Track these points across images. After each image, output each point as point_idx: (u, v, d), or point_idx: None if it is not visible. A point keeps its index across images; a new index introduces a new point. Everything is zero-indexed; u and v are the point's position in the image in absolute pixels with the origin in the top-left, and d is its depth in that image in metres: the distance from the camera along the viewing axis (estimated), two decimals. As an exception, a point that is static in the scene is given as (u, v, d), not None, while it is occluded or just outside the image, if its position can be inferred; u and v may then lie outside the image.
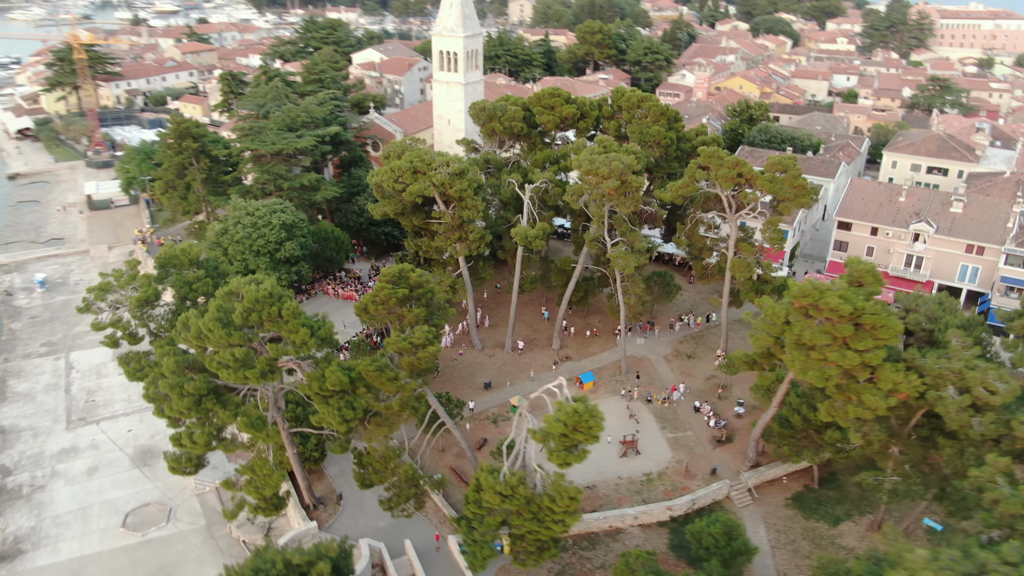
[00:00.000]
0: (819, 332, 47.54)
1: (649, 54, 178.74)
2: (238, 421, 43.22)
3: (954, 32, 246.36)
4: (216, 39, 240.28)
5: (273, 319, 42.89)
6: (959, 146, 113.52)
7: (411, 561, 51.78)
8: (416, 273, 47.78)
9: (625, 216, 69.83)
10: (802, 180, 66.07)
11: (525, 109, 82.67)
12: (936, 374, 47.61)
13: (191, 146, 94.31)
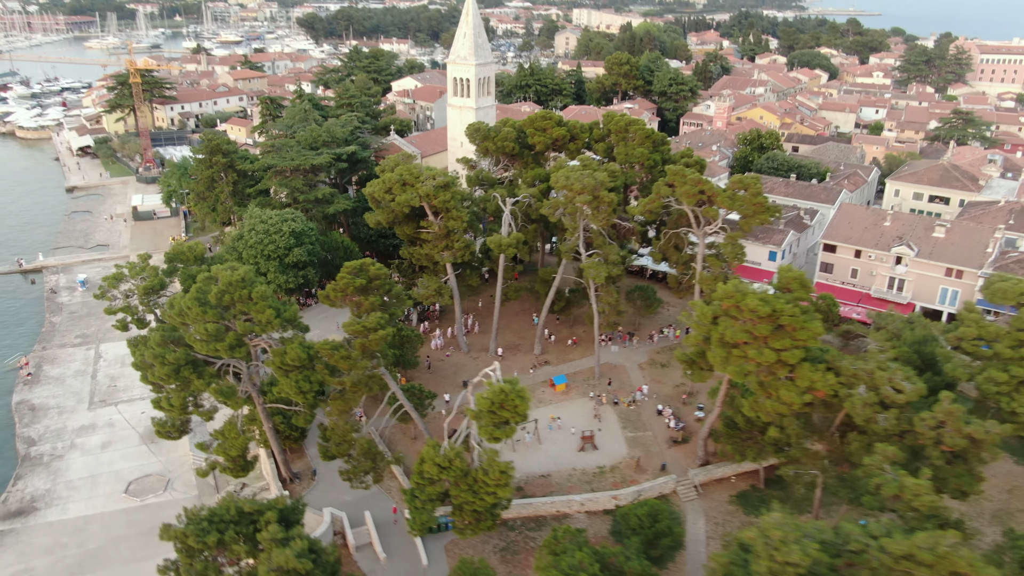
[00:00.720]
0: (740, 331, 51.68)
1: (674, 85, 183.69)
2: (210, 388, 49.57)
3: (995, 67, 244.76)
4: (269, 67, 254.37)
5: (243, 300, 49.26)
6: (962, 176, 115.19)
7: (369, 530, 57.03)
8: (376, 267, 53.84)
9: (602, 230, 74.93)
10: (761, 198, 70.19)
11: (519, 131, 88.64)
12: (851, 373, 51.23)
13: (220, 161, 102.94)
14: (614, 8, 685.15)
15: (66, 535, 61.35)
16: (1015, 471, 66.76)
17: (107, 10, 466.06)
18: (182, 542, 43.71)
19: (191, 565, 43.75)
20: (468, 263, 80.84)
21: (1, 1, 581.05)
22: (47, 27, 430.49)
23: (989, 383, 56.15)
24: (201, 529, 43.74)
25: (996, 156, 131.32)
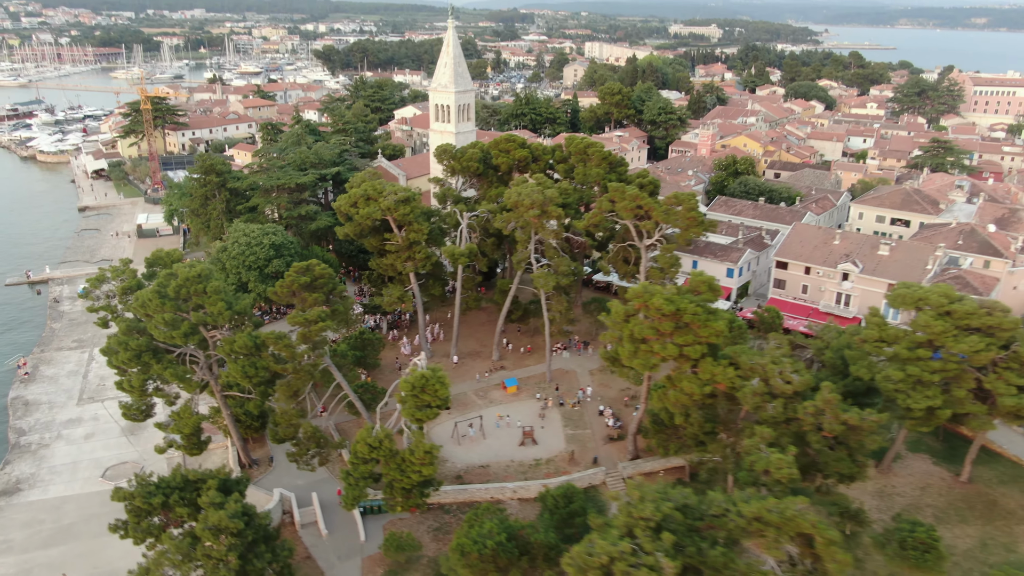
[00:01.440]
0: (647, 328, 56.85)
1: (663, 114, 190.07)
2: (166, 372, 55.49)
3: (988, 99, 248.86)
4: (281, 96, 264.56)
5: (199, 294, 55.34)
6: (922, 200, 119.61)
7: (315, 509, 62.25)
8: (320, 268, 59.82)
9: (554, 243, 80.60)
10: (695, 213, 75.54)
11: (484, 152, 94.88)
12: (748, 367, 56.07)
13: (213, 180, 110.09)
14: (628, 42, 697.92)
15: (44, 512, 67.17)
16: (931, 470, 70.69)
17: (134, 42, 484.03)
18: (131, 503, 49.35)
19: (138, 524, 49.29)
20: (431, 273, 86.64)
21: (35, 34, 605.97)
22: (76, 58, 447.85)
23: (887, 381, 60.59)
24: (148, 492, 49.42)
25: (964, 182, 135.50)
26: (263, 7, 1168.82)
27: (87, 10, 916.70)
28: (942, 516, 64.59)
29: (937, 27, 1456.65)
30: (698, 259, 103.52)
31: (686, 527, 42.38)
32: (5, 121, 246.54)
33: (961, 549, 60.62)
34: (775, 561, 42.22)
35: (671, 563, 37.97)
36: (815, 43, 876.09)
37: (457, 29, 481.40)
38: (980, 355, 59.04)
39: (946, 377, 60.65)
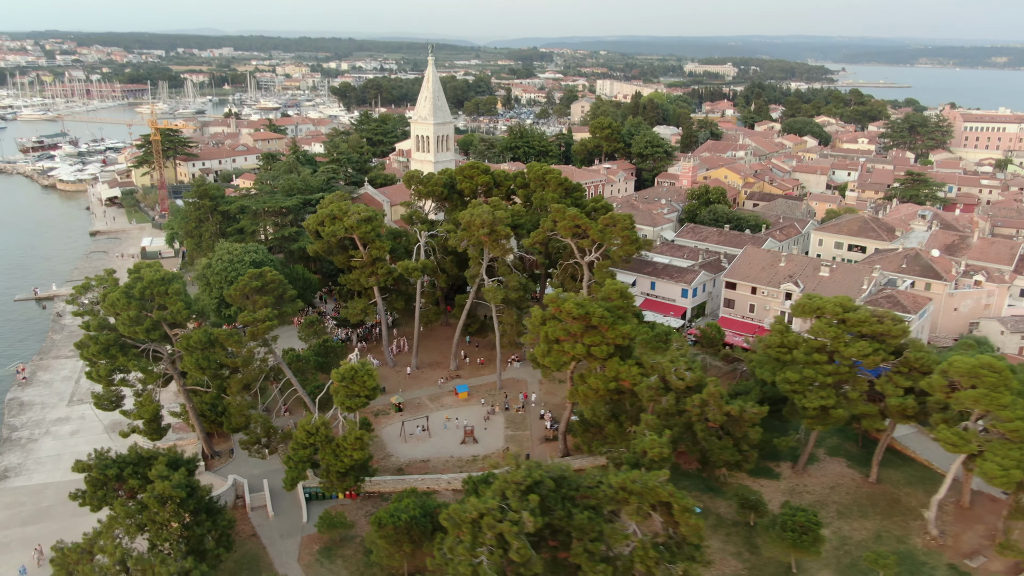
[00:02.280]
0: (559, 329, 63.16)
1: (650, 147, 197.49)
2: (129, 363, 62.63)
3: (978, 135, 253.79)
4: (292, 130, 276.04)
5: (161, 295, 62.66)
6: (878, 227, 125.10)
7: (265, 495, 68.56)
8: (272, 274, 66.98)
9: (506, 260, 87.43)
10: (627, 232, 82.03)
11: (450, 177, 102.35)
12: (649, 366, 62.07)
13: (207, 204, 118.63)
14: (643, 80, 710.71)
15: (25, 496, 74.05)
16: (844, 472, 75.53)
17: (161, 79, 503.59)
18: (89, 474, 56.16)
19: (95, 493, 56.01)
20: (394, 288, 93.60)
21: (68, 71, 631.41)
22: (104, 94, 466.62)
23: (784, 382, 66.18)
24: (105, 465, 56.22)
25: (926, 212, 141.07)
26: (289, 46, 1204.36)
27: (120, 48, 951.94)
28: (844, 511, 69.42)
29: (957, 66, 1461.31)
30: (656, 280, 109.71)
31: (561, 495, 48.28)
32: (30, 152, 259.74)
33: (855, 540, 65.37)
34: (637, 525, 47.93)
35: (532, 519, 43.85)
36: (829, 81, 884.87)
37: (476, 67, 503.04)
38: (869, 359, 64.60)
39: (840, 379, 66.19)
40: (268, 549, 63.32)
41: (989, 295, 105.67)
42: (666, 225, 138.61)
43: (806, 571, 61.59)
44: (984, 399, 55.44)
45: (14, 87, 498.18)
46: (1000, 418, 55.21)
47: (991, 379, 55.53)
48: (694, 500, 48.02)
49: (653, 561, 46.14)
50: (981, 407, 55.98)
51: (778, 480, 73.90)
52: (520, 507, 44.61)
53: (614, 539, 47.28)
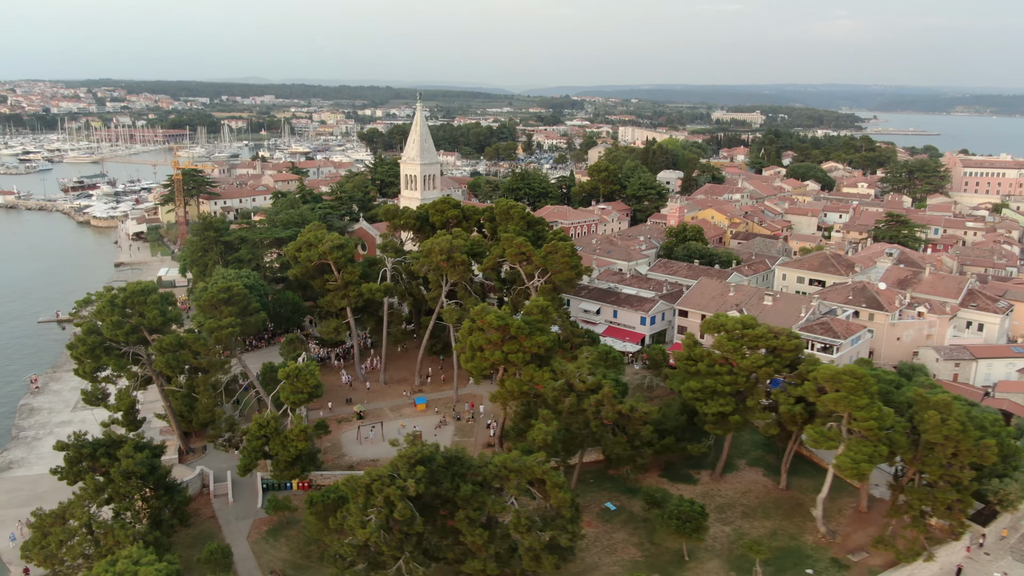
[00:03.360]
0: (483, 338, 71.70)
1: (644, 189, 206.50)
2: (111, 362, 72.50)
3: (978, 180, 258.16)
4: (314, 172, 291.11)
5: (140, 303, 72.85)
6: (837, 263, 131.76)
7: (227, 484, 77.37)
8: (238, 287, 76.84)
9: (465, 284, 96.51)
10: (567, 259, 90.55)
11: (424, 212, 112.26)
12: (560, 372, 70.12)
13: (211, 235, 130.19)
14: (668, 127, 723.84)
15: (24, 484, 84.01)
16: (759, 480, 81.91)
17: (201, 125, 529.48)
18: (67, 452, 65.64)
19: (71, 469, 65.42)
20: (365, 309, 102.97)
21: (116, 117, 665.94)
22: (146, 139, 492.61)
23: (688, 391, 73.58)
24: (81, 445, 65.73)
25: (893, 250, 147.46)
26: (328, 94, 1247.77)
27: (167, 96, 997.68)
28: (749, 512, 75.85)
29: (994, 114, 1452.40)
30: (618, 308, 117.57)
31: (452, 472, 56.34)
32: (70, 191, 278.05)
33: (752, 536, 71.61)
34: (514, 498, 55.68)
35: (415, 485, 51.96)
36: (858, 129, 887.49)
37: (507, 114, 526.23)
38: (763, 370, 71.90)
39: (739, 389, 73.37)
40: (223, 528, 71.85)
41: (931, 325, 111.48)
42: (641, 260, 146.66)
43: (697, 559, 68.13)
44: (844, 401, 62.39)
45: (64, 132, 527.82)
46: (857, 418, 62.02)
47: (851, 384, 62.50)
48: (611, 498, 55.68)
49: (525, 528, 53.78)
50: (842, 408, 62.88)
51: (695, 485, 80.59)
52: (408, 476, 52.78)
53: (494, 509, 55.03)
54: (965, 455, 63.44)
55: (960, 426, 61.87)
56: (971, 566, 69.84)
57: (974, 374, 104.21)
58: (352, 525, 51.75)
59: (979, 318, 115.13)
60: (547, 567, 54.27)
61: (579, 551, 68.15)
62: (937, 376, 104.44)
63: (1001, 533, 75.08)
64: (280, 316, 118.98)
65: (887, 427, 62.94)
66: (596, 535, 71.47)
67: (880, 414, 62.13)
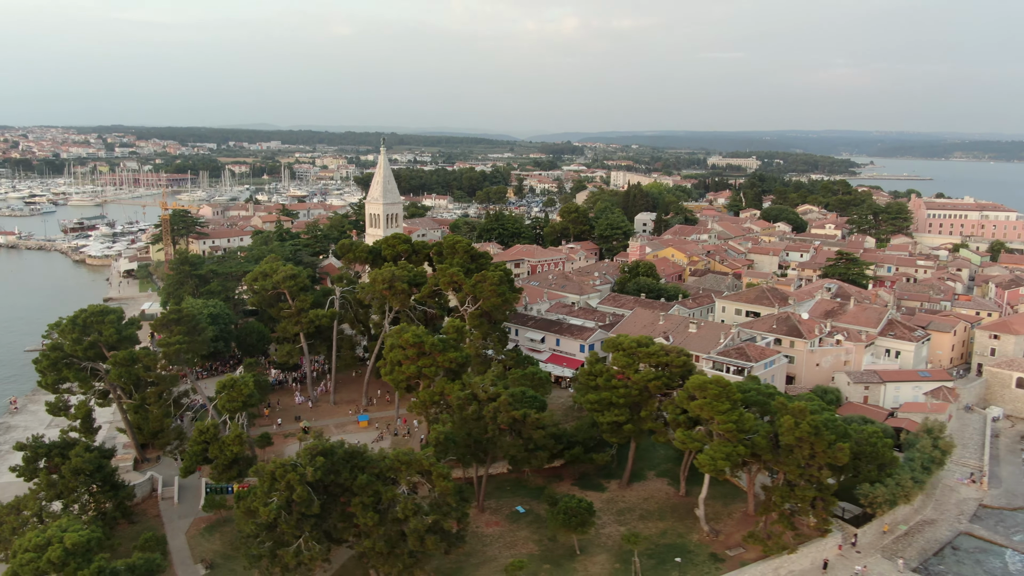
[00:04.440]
0: (400, 354, 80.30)
1: (610, 229, 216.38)
2: (72, 375, 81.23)
3: (942, 222, 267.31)
4: (304, 214, 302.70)
5: (99, 323, 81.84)
6: (772, 296, 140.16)
7: (173, 488, 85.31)
8: (188, 308, 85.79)
9: (407, 311, 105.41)
10: (495, 287, 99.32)
11: (377, 247, 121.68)
12: (468, 384, 78.45)
13: (186, 269, 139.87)
14: (663, 172, 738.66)
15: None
16: (662, 488, 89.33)
17: (203, 169, 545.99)
18: (25, 452, 74.00)
19: (27, 467, 73.71)
20: (317, 335, 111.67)
21: (123, 162, 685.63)
22: (150, 182, 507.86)
23: (587, 403, 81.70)
24: (37, 446, 74.15)
25: (832, 284, 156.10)
26: (334, 139, 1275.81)
27: (175, 141, 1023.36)
28: (646, 515, 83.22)
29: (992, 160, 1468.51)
30: (560, 337, 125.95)
31: (351, 464, 64.44)
32: (70, 232, 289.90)
33: (644, 535, 78.86)
34: (406, 487, 63.70)
35: (313, 471, 60.09)
36: (852, 174, 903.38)
37: (508, 159, 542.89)
38: (652, 383, 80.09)
39: (632, 400, 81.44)
40: (166, 525, 79.64)
41: (848, 352, 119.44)
42: (594, 294, 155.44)
43: (588, 553, 75.46)
44: (707, 407, 70.49)
45: (71, 176, 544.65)
46: (719, 421, 70.04)
47: (715, 391, 70.70)
48: (522, 503, 63.70)
49: (412, 512, 61.69)
50: (706, 413, 70.92)
51: (603, 492, 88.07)
52: (308, 464, 60.96)
53: (387, 496, 62.98)
54: (821, 456, 71.09)
55: (812, 429, 69.72)
56: (840, 562, 77.03)
57: (883, 397, 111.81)
58: (257, 506, 59.77)
59: (896, 346, 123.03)
60: (430, 546, 61.94)
61: (482, 546, 76.34)
62: (849, 398, 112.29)
63: (883, 528, 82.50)
64: (246, 344, 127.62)
65: (746, 430, 70.88)
66: (501, 533, 79.05)
67: (739, 418, 70.16)
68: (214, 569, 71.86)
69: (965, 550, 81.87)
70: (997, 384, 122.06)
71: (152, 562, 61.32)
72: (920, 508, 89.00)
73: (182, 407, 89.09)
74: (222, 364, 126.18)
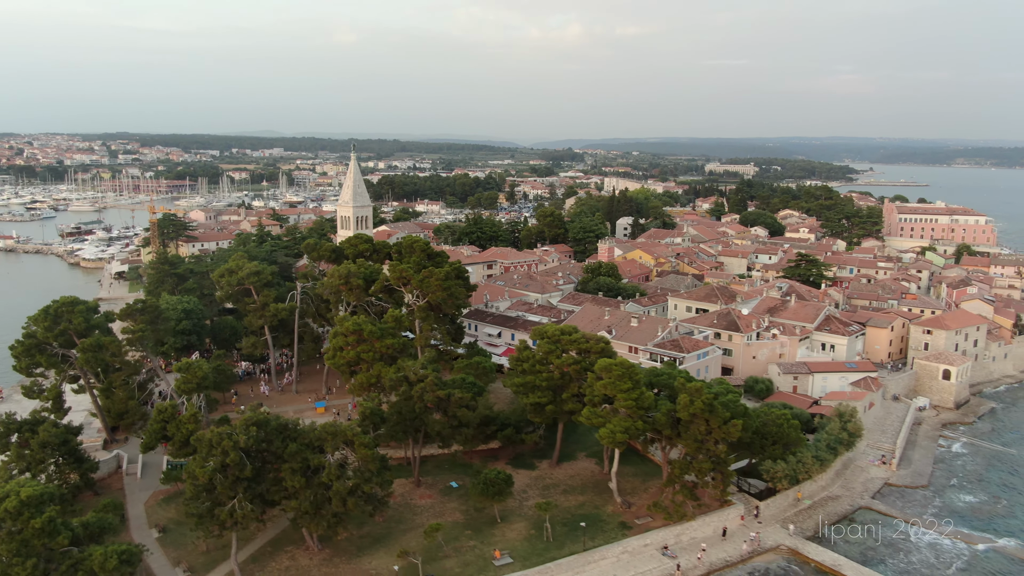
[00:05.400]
0: (342, 340, 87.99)
1: (583, 232, 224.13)
2: (44, 360, 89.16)
3: (913, 225, 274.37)
4: (294, 219, 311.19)
5: (69, 312, 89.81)
6: (721, 294, 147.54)
7: (137, 465, 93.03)
8: (152, 304, 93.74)
9: (363, 305, 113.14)
10: (440, 282, 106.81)
11: (340, 246, 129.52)
12: (402, 367, 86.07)
13: (165, 268, 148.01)
14: (660, 178, 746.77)
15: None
16: (589, 467, 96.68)
17: (203, 176, 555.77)
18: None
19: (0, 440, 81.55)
20: (281, 328, 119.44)
21: (126, 168, 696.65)
22: (150, 189, 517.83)
23: (513, 386, 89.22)
24: (9, 422, 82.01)
25: (783, 284, 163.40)
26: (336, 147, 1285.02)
27: (178, 148, 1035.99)
28: (568, 491, 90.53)
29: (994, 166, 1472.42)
30: (515, 332, 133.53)
31: (284, 435, 72.06)
32: (67, 236, 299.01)
33: (563, 507, 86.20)
34: (331, 455, 71.31)
35: (245, 438, 67.67)
36: (849, 180, 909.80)
37: (508, 166, 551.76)
38: (572, 367, 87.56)
39: (554, 384, 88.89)
40: (127, 497, 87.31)
41: (783, 345, 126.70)
42: (556, 292, 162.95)
43: (508, 521, 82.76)
44: (611, 386, 77.98)
45: (74, 182, 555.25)
46: (620, 399, 77.48)
47: (618, 372, 78.19)
48: (457, 479, 71.70)
49: (335, 476, 69.30)
50: (610, 391, 78.38)
51: (533, 471, 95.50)
52: (241, 433, 68.60)
53: (314, 462, 70.57)
54: (716, 432, 78.48)
55: (705, 407, 77.14)
56: (740, 531, 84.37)
57: (811, 386, 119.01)
58: (195, 469, 67.43)
59: (831, 340, 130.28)
60: (352, 507, 69.52)
61: (413, 515, 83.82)
62: (780, 387, 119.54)
63: (790, 500, 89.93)
64: (220, 338, 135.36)
65: (646, 407, 78.35)
66: (432, 504, 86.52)
67: (640, 396, 77.65)
68: (166, 533, 79.53)
69: (860, 521, 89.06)
70: (926, 376, 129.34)
71: (104, 520, 68.94)
72: (828, 485, 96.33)
73: (147, 391, 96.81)
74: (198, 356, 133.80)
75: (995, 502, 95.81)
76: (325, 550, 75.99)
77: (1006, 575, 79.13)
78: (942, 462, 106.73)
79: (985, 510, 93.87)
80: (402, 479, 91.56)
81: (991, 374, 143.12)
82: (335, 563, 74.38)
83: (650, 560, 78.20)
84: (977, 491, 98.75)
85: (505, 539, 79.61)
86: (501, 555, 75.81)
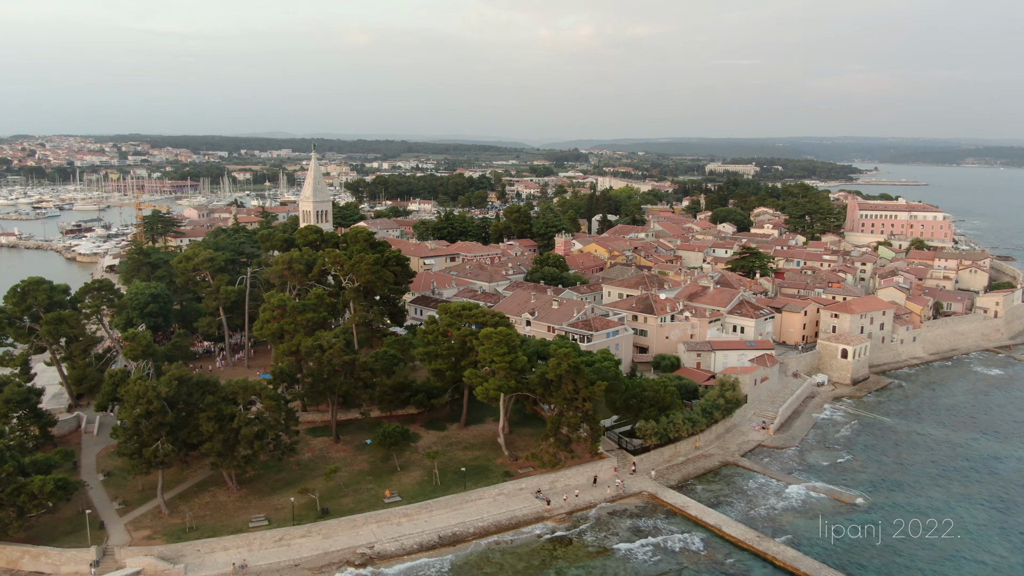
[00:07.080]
0: (268, 314, 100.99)
1: (546, 227, 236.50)
2: (12, 332, 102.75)
3: (873, 221, 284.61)
4: (283, 216, 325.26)
5: (35, 290, 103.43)
6: (649, 281, 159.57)
7: (95, 424, 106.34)
8: (107, 283, 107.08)
9: (306, 288, 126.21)
10: (368, 266, 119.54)
11: (292, 236, 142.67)
12: (319, 338, 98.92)
13: (140, 258, 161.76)
14: (658, 178, 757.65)
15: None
16: (492, 428, 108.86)
17: (206, 177, 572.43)
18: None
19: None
20: (235, 309, 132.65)
21: (134, 169, 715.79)
22: (154, 189, 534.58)
23: (419, 355, 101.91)
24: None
25: (715, 273, 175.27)
26: (343, 148, 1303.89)
27: (188, 150, 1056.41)
28: (468, 447, 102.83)
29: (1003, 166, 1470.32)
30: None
31: (204, 389, 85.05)
32: (67, 233, 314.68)
33: (458, 460, 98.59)
34: (242, 405, 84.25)
35: (166, 389, 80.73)
36: (850, 180, 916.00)
37: (511, 166, 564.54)
38: (468, 338, 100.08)
39: (455, 353, 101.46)
40: (83, 449, 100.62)
41: (693, 327, 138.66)
42: (503, 281, 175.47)
43: (407, 471, 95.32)
44: (490, 351, 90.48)
45: (82, 183, 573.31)
46: (496, 361, 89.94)
47: (496, 338, 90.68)
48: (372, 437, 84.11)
49: (244, 423, 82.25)
50: (489, 355, 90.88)
51: (443, 431, 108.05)
52: (164, 385, 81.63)
53: (227, 411, 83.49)
54: (583, 392, 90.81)
55: (570, 368, 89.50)
56: (610, 480, 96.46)
57: (713, 362, 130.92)
58: (124, 415, 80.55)
59: (740, 322, 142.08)
60: (258, 450, 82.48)
61: (326, 465, 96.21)
62: (685, 364, 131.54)
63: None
64: (186, 321, 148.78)
65: (520, 368, 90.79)
66: (345, 457, 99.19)
67: (513, 360, 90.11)
68: (110, 476, 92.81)
69: (723, 475, 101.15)
70: (827, 355, 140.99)
71: (51, 459, 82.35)
72: (706, 445, 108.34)
73: (104, 359, 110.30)
74: (164, 337, 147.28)
75: (853, 461, 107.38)
76: (242, 490, 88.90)
77: (829, 514, 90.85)
78: (818, 428, 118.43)
79: (842, 467, 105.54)
80: (325, 438, 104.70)
81: (898, 356, 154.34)
82: (248, 500, 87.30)
83: (523, 501, 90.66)
84: (842, 453, 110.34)
85: (400, 484, 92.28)
86: (391, 495, 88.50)
